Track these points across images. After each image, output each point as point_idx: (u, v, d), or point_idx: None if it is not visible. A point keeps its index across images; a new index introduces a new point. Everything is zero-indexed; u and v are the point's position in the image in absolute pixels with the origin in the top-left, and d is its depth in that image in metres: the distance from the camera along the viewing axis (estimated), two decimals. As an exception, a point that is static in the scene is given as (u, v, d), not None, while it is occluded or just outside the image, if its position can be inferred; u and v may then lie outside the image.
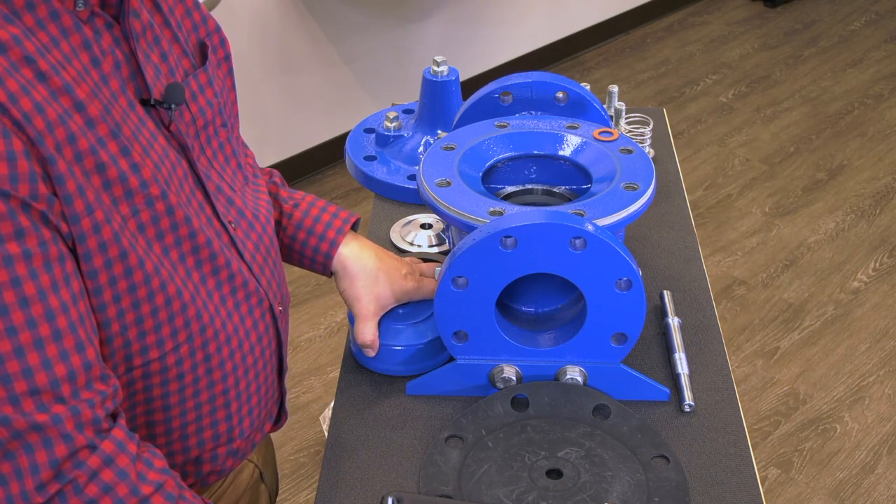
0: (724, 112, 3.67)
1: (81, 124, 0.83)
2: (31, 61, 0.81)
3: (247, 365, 1.02)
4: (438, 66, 1.53)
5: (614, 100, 1.59)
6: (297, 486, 2.27)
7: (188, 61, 1.01)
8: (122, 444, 0.85)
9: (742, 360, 2.56)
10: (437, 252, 1.45)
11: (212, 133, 1.02)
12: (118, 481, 0.84)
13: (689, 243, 1.44)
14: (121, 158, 0.86)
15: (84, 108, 0.84)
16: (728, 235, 3.02)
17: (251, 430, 1.06)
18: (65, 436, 0.81)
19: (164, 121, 0.94)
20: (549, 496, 1.03)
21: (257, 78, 3.03)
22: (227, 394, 1.00)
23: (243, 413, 1.03)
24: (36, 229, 0.79)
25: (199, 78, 1.01)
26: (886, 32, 4.21)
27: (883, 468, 2.25)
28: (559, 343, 1.16)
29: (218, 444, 1.02)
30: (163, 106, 0.93)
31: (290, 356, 2.61)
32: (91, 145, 0.84)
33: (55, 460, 0.81)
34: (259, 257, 1.04)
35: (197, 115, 0.99)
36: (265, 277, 1.04)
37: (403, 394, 1.20)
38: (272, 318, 1.06)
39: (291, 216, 1.20)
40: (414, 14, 3.36)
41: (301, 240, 1.20)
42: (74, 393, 0.82)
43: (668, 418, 1.15)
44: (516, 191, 1.28)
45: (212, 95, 1.02)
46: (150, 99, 0.92)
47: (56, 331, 0.81)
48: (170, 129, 0.95)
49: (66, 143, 0.82)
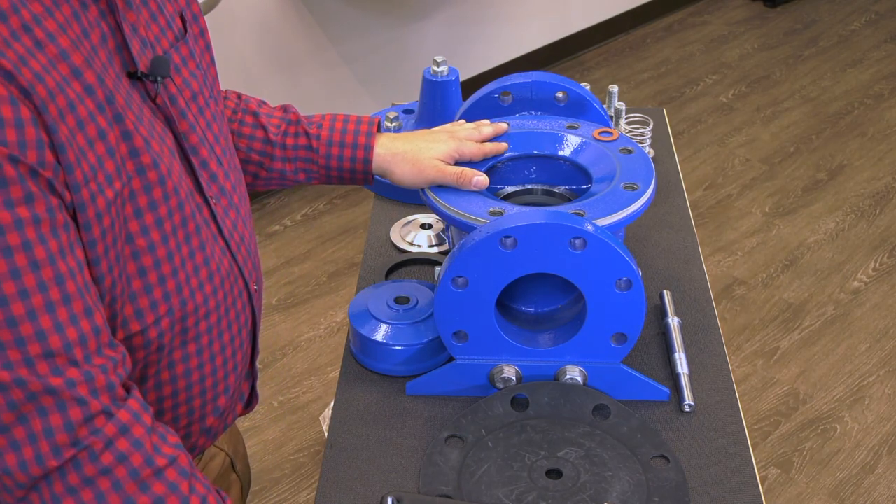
0: (724, 112, 3.67)
1: (80, 91, 0.83)
2: (28, 29, 0.81)
3: (223, 342, 1.02)
4: (438, 66, 1.53)
5: (614, 100, 1.59)
6: (297, 486, 2.27)
7: (171, 33, 1.01)
8: (137, 415, 0.85)
9: (742, 360, 2.56)
10: (437, 252, 1.45)
11: (203, 104, 1.02)
12: (133, 451, 0.84)
13: (689, 243, 1.44)
14: (115, 125, 0.87)
15: (81, 74, 0.84)
16: (728, 235, 3.02)
17: (225, 408, 1.07)
18: (79, 399, 0.81)
19: (150, 93, 0.94)
20: (548, 496, 1.03)
21: (257, 78, 3.03)
22: (203, 368, 1.01)
23: (219, 389, 1.04)
24: (44, 195, 0.79)
25: (180, 50, 1.01)
26: (886, 32, 4.21)
27: (883, 468, 2.25)
28: (559, 343, 1.16)
29: (192, 421, 1.03)
30: (149, 79, 0.93)
31: (290, 356, 2.61)
32: (90, 112, 0.84)
33: (69, 423, 0.81)
34: (237, 235, 1.04)
35: (182, 86, 1.00)
36: (241, 255, 1.05)
37: (403, 394, 1.20)
38: (248, 297, 1.07)
39: (319, 136, 1.25)
40: (414, 14, 3.36)
41: (336, 155, 1.24)
42: (87, 357, 0.82)
43: (668, 418, 1.15)
44: (516, 191, 1.28)
45: (194, 67, 1.03)
46: (137, 71, 0.91)
47: (66, 295, 0.81)
48: (156, 102, 0.95)
49: (68, 110, 0.82)
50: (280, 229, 3.09)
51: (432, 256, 1.43)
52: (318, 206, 3.18)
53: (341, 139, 1.25)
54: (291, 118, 1.26)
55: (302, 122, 1.26)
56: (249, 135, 1.24)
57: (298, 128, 1.25)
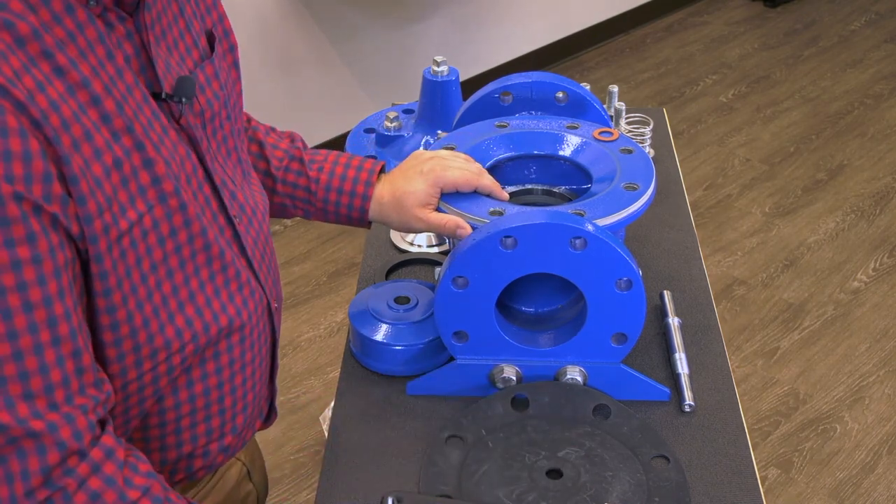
0: (724, 112, 3.67)
1: (96, 119, 0.83)
2: (49, 56, 0.80)
3: (244, 360, 1.02)
4: (438, 66, 1.53)
5: (614, 100, 1.59)
6: (297, 486, 2.27)
7: (197, 52, 1.00)
8: (110, 451, 0.85)
9: (742, 360, 2.56)
10: (437, 252, 1.45)
11: (217, 126, 1.02)
12: (106, 488, 0.84)
13: (689, 243, 1.44)
14: (134, 153, 0.86)
15: (100, 101, 0.83)
16: (728, 235, 3.02)
17: (243, 426, 1.06)
18: (59, 444, 0.81)
19: (174, 114, 0.94)
20: (549, 496, 1.03)
21: (257, 78, 3.03)
22: (222, 388, 1.00)
23: (237, 409, 1.04)
24: (46, 234, 0.79)
25: (205, 70, 1.00)
26: (886, 32, 4.21)
27: (883, 468, 2.25)
28: (559, 343, 1.16)
29: (210, 440, 1.02)
30: (174, 100, 0.92)
31: (290, 356, 2.61)
32: (106, 141, 0.83)
33: (46, 467, 0.81)
34: (258, 252, 1.04)
35: (205, 107, 0.99)
36: (263, 273, 1.04)
37: (403, 394, 1.20)
38: (269, 315, 1.06)
39: (319, 180, 1.23)
40: (414, 14, 3.36)
41: (333, 200, 1.23)
42: (68, 398, 0.82)
43: (668, 418, 1.15)
44: (516, 191, 1.28)
45: (218, 88, 1.02)
46: (162, 92, 0.91)
47: (56, 337, 0.81)
48: (180, 123, 0.94)
49: (83, 140, 0.81)
50: (280, 229, 3.09)
51: (432, 256, 1.43)
52: (318, 206, 3.18)
53: (340, 185, 1.23)
54: (295, 153, 1.25)
55: (304, 161, 1.24)
56: (252, 165, 1.22)
57: (301, 167, 1.24)
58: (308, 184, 1.23)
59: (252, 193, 1.08)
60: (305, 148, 1.27)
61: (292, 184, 1.24)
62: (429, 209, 1.19)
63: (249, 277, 1.01)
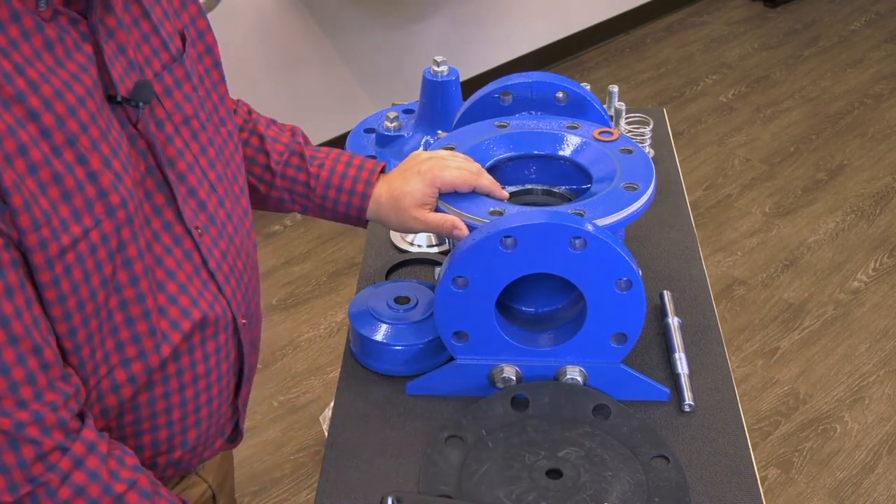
0: (724, 112, 3.67)
1: (35, 134, 0.80)
2: None
3: (195, 373, 0.99)
4: (438, 66, 1.53)
5: (614, 100, 1.59)
6: (297, 486, 2.27)
7: (167, 54, 0.97)
8: (92, 445, 0.85)
9: (742, 360, 2.56)
10: (437, 252, 1.45)
11: (196, 128, 0.98)
12: (90, 482, 0.84)
13: (689, 243, 1.44)
14: (77, 167, 0.83)
15: (38, 117, 0.81)
16: (728, 235, 3.02)
17: (196, 442, 1.03)
18: (31, 440, 0.81)
19: (130, 118, 0.91)
20: (549, 496, 1.03)
21: (257, 78, 3.03)
22: (169, 398, 0.97)
23: (188, 423, 1.00)
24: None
25: (175, 72, 0.97)
26: (886, 32, 4.21)
27: (883, 468, 2.25)
28: (559, 343, 1.16)
29: (157, 452, 1.00)
30: (130, 103, 0.89)
31: (290, 356, 2.61)
32: (44, 156, 0.81)
33: (23, 461, 0.81)
34: (226, 266, 1.00)
35: (173, 110, 0.95)
36: (230, 287, 1.01)
37: (403, 394, 1.19)
38: (233, 330, 1.03)
39: (319, 176, 1.22)
40: (414, 14, 3.36)
41: (332, 198, 1.22)
42: (37, 395, 0.82)
43: (668, 418, 1.15)
44: (516, 191, 1.28)
45: (190, 89, 0.98)
46: (117, 96, 0.88)
47: (11, 336, 0.80)
48: (137, 128, 0.91)
49: (17, 154, 0.79)
50: (280, 229, 3.09)
51: (432, 256, 1.43)
52: (318, 206, 3.18)
53: (339, 183, 1.22)
54: (296, 148, 1.23)
55: (305, 157, 1.23)
56: (251, 157, 1.21)
57: (302, 162, 1.23)
58: (308, 179, 1.22)
59: (233, 205, 1.04)
60: (307, 143, 1.26)
61: (291, 178, 1.22)
62: (426, 209, 1.18)
63: (206, 291, 0.97)
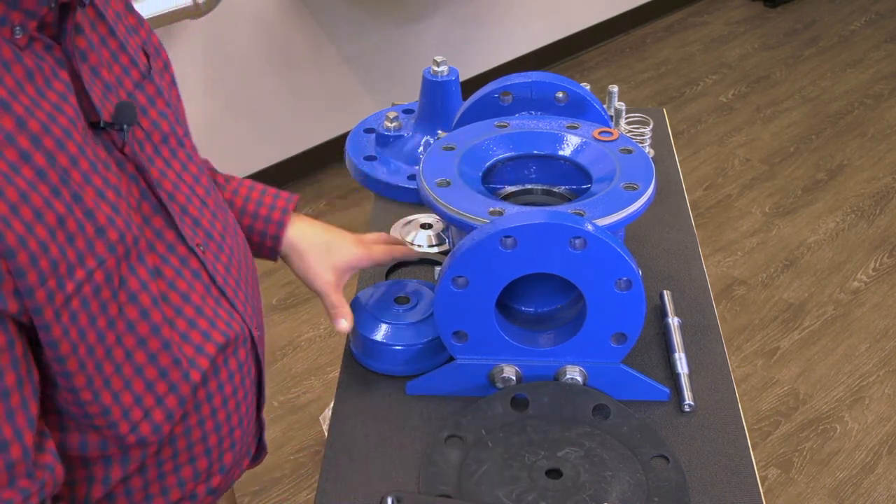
0: (724, 112, 3.67)
1: (31, 177, 0.75)
2: None
3: (224, 395, 0.96)
4: (438, 66, 1.53)
5: (614, 100, 1.59)
6: (297, 486, 2.27)
7: (137, 71, 0.92)
8: None
9: (742, 360, 2.56)
10: (437, 252, 1.45)
11: (175, 145, 0.94)
12: None
13: (689, 243, 1.44)
14: (75, 206, 0.78)
15: (30, 157, 0.75)
16: (728, 235, 3.02)
17: (231, 464, 1.01)
18: None
19: (116, 143, 0.86)
20: (548, 496, 1.03)
21: (257, 77, 3.03)
22: (204, 425, 0.94)
23: (224, 446, 0.98)
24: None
25: (146, 89, 0.92)
26: (886, 32, 4.21)
27: (883, 468, 2.25)
28: (559, 343, 1.16)
29: (198, 482, 0.97)
30: (114, 128, 0.84)
31: (290, 356, 2.61)
32: (45, 199, 0.75)
33: None
34: (231, 280, 0.97)
35: (150, 129, 0.91)
36: (240, 301, 0.98)
37: (403, 394, 1.19)
38: (251, 345, 1.00)
39: (232, 203, 1.15)
40: (414, 14, 3.36)
41: (246, 225, 1.15)
42: (11, 481, 0.77)
43: (668, 418, 1.15)
44: (516, 191, 1.28)
45: (163, 105, 0.94)
46: (101, 121, 0.83)
47: (9, 409, 0.76)
48: (124, 152, 0.86)
49: (21, 202, 0.73)
50: (280, 229, 3.09)
51: (432, 256, 1.43)
52: (318, 206, 3.18)
53: (255, 210, 1.15)
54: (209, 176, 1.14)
55: (217, 182, 1.14)
56: None
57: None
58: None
59: (224, 215, 1.01)
60: (215, 171, 1.18)
61: None
62: (341, 277, 1.18)
63: (220, 309, 0.94)
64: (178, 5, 2.52)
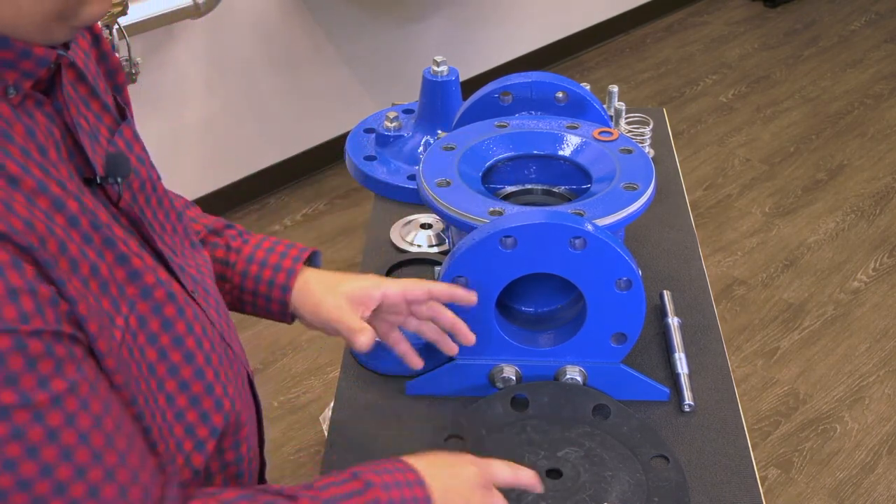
0: (724, 112, 3.67)
1: (65, 224, 0.72)
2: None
3: (237, 438, 0.94)
4: (438, 66, 1.53)
5: (614, 100, 1.59)
6: (297, 486, 2.26)
7: (109, 115, 0.86)
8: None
9: (742, 360, 2.56)
10: (437, 252, 1.45)
11: (150, 190, 0.88)
12: None
13: (689, 243, 1.44)
14: (107, 252, 0.76)
15: (63, 204, 0.72)
16: (728, 235, 3.02)
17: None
18: None
19: (111, 198, 0.81)
20: (548, 496, 1.03)
21: (257, 77, 3.03)
22: (240, 464, 0.95)
23: (252, 482, 0.97)
24: (72, 356, 0.70)
25: (124, 134, 0.87)
26: (886, 32, 4.21)
27: (883, 468, 2.25)
28: (559, 343, 1.16)
29: None
30: (108, 182, 0.80)
31: (290, 356, 2.61)
32: (79, 247, 0.73)
33: None
34: (223, 322, 0.94)
35: (131, 177, 0.85)
36: (235, 342, 0.95)
37: (403, 394, 1.19)
38: (249, 384, 0.98)
39: (241, 251, 1.08)
40: (414, 14, 3.36)
41: (253, 275, 1.06)
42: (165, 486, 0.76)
43: (668, 418, 1.15)
44: (516, 191, 1.28)
45: (140, 150, 0.89)
46: (96, 177, 0.79)
47: (121, 454, 0.73)
48: (118, 206, 0.81)
49: (59, 253, 0.71)
50: (280, 229, 3.09)
51: (432, 256, 1.43)
52: (318, 206, 3.18)
53: (265, 258, 1.06)
54: (217, 227, 1.09)
55: (225, 234, 1.09)
56: None
57: (219, 239, 1.08)
58: (227, 255, 1.07)
59: (204, 261, 0.97)
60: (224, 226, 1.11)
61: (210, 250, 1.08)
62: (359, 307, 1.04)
63: (227, 354, 0.91)
64: (178, 5, 2.52)
